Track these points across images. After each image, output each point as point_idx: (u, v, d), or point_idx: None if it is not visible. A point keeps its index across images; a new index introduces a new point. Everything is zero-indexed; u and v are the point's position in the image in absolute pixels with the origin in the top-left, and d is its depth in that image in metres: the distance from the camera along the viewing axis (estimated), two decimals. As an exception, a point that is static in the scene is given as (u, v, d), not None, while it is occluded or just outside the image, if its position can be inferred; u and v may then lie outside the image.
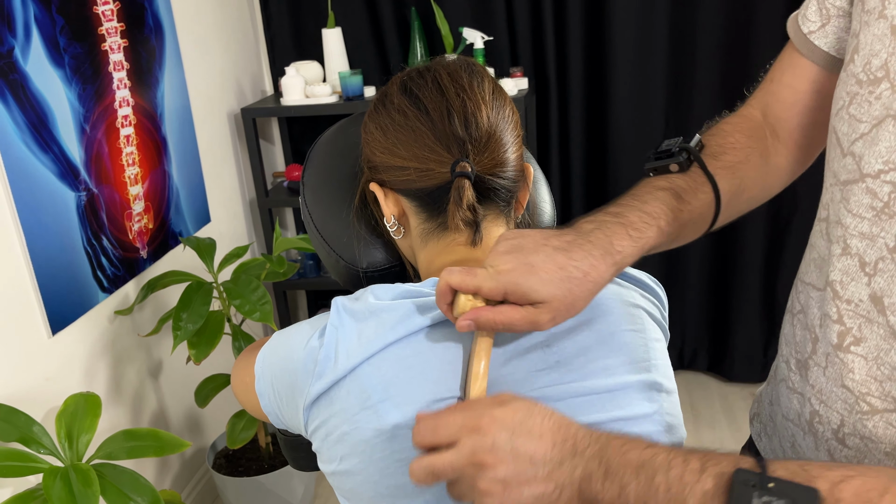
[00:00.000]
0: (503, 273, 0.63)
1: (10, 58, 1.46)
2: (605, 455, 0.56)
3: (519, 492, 0.56)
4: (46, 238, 1.56)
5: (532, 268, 0.63)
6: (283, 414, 0.78)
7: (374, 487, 0.68)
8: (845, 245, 0.67)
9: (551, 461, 0.57)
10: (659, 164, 0.76)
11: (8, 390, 1.47)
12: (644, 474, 0.54)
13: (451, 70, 0.81)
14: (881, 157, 0.64)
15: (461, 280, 0.65)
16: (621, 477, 0.55)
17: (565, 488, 0.56)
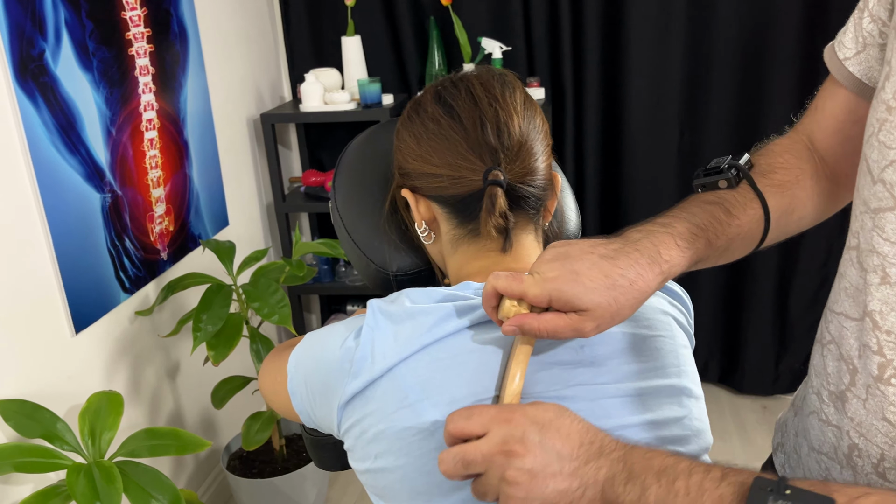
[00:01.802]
0: (549, 280, 0.64)
1: (41, 60, 1.49)
2: (629, 459, 0.58)
3: (544, 484, 0.58)
4: (72, 238, 1.59)
5: (577, 275, 0.64)
6: (316, 412, 0.80)
7: (411, 484, 0.69)
8: (884, 274, 0.66)
9: (577, 459, 0.58)
10: (707, 180, 0.77)
11: (32, 387, 1.49)
12: (665, 478, 0.56)
13: (484, 80, 0.83)
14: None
15: (507, 285, 0.66)
16: (643, 480, 0.56)
17: (589, 487, 0.58)
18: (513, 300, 0.66)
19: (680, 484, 0.55)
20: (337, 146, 2.68)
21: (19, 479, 1.47)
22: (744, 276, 2.48)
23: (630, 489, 0.57)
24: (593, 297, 0.63)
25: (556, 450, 0.59)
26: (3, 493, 1.44)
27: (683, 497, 0.55)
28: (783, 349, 2.56)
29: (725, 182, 0.76)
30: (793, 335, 2.52)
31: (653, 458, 0.58)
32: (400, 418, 0.70)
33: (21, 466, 1.31)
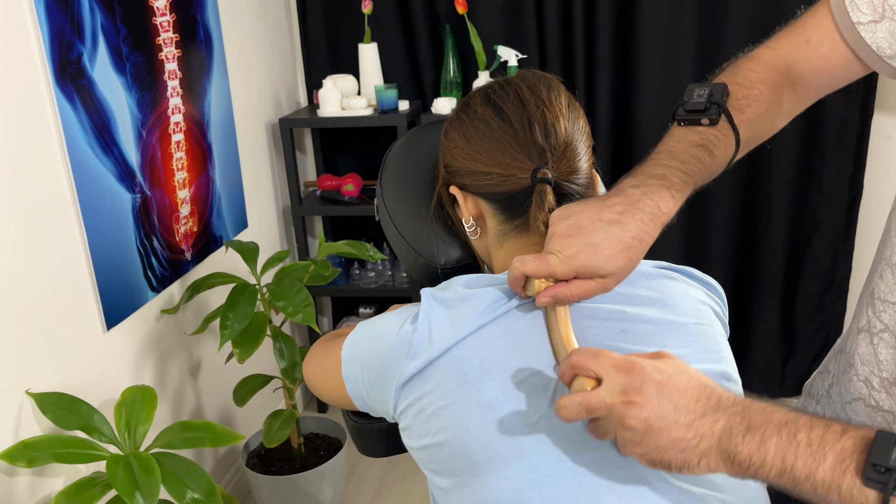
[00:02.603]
0: (572, 257, 0.72)
1: (79, 63, 1.54)
2: (748, 413, 0.61)
3: (659, 433, 0.61)
4: (105, 237, 1.63)
5: (595, 247, 0.72)
6: (371, 396, 0.85)
7: (472, 456, 0.74)
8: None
9: (694, 412, 0.61)
10: (691, 117, 0.82)
11: (67, 382, 1.53)
12: (787, 431, 0.59)
13: (531, 83, 0.88)
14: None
15: (536, 268, 0.73)
16: (763, 432, 0.59)
17: (704, 438, 0.61)
18: (538, 281, 0.74)
19: (802, 436, 0.58)
20: (351, 151, 2.73)
21: (52, 472, 1.51)
22: (750, 280, 2.53)
23: (749, 440, 0.59)
24: (614, 263, 0.72)
25: (673, 402, 0.62)
26: (35, 486, 1.47)
27: (805, 448, 0.58)
28: (789, 353, 2.61)
29: (708, 121, 0.81)
30: (799, 339, 2.57)
31: (773, 412, 0.61)
32: (460, 394, 0.74)
33: (60, 457, 1.35)
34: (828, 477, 0.57)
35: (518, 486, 0.71)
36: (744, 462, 0.60)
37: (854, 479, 0.56)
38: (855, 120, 2.31)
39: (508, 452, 0.72)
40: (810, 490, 0.58)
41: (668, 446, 0.61)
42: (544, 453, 0.71)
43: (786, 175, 2.39)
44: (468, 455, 0.74)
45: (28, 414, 1.43)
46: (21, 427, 1.42)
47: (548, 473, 0.71)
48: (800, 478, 0.58)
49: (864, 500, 0.56)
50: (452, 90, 2.48)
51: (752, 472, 0.60)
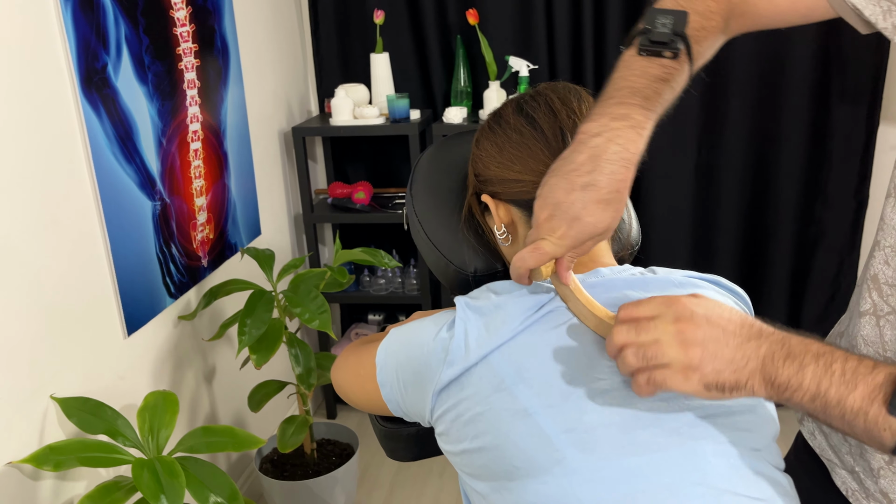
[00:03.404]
0: (562, 237, 0.75)
1: (104, 73, 1.56)
2: (787, 342, 0.66)
3: (715, 356, 0.65)
4: (127, 244, 1.65)
5: (579, 219, 0.74)
6: (406, 401, 0.87)
7: (510, 461, 0.76)
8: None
9: (740, 335, 0.66)
10: (654, 48, 0.81)
11: (89, 386, 1.55)
12: (823, 360, 0.64)
13: (561, 94, 0.91)
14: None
15: (537, 260, 0.76)
16: (802, 359, 0.64)
17: (750, 360, 0.65)
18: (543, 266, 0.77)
19: (837, 367, 0.63)
20: (362, 159, 2.75)
21: (74, 476, 1.53)
22: (756, 288, 2.56)
23: (788, 366, 0.64)
24: (601, 224, 0.74)
25: (721, 326, 0.66)
26: (59, 489, 1.49)
27: (839, 377, 0.63)
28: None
29: (671, 53, 0.80)
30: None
31: (810, 344, 0.65)
32: (497, 401, 0.77)
33: (86, 461, 1.37)
34: (857, 404, 0.62)
35: (556, 492, 0.73)
36: (782, 385, 0.64)
37: (881, 408, 0.61)
38: (861, 130, 2.34)
39: (546, 458, 0.74)
40: (839, 415, 0.63)
41: (723, 367, 0.65)
42: (583, 459, 0.73)
43: (792, 184, 2.42)
44: (506, 460, 0.76)
45: (52, 418, 1.45)
46: (46, 431, 1.43)
47: (587, 479, 0.73)
48: (831, 402, 0.63)
49: (888, 426, 0.61)
50: (463, 100, 2.51)
51: (788, 395, 0.65)
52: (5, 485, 1.34)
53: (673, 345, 0.66)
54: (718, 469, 0.74)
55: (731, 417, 0.77)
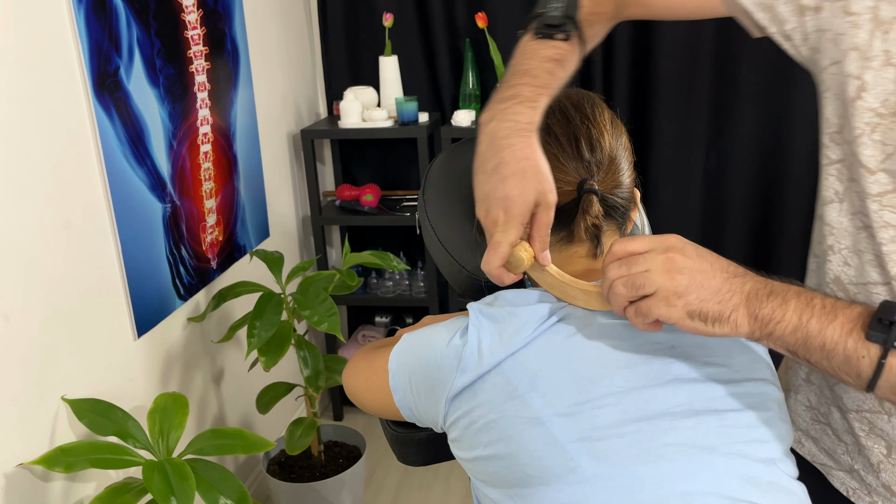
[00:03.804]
0: (506, 221, 0.77)
1: (115, 76, 1.57)
2: (770, 282, 0.70)
3: (701, 285, 0.69)
4: (138, 246, 1.66)
5: (507, 198, 0.77)
6: (419, 407, 0.87)
7: (523, 469, 0.76)
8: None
9: (727, 271, 0.70)
10: (547, 31, 0.85)
11: (99, 388, 1.55)
12: (804, 296, 0.68)
13: (575, 101, 0.91)
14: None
15: (498, 254, 0.78)
16: (784, 294, 0.68)
17: (735, 294, 0.69)
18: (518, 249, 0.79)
19: (817, 301, 0.67)
20: (369, 162, 2.76)
21: (84, 477, 1.53)
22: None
23: (772, 300, 0.68)
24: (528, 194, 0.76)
25: (710, 261, 0.70)
26: (68, 491, 1.49)
27: (820, 310, 0.67)
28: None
29: (563, 35, 0.85)
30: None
31: (791, 285, 0.69)
32: (510, 408, 0.77)
33: (97, 462, 1.37)
34: (836, 334, 0.66)
35: (570, 500, 0.73)
36: (766, 318, 0.68)
37: (859, 335, 0.65)
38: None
39: (560, 466, 0.74)
40: (819, 346, 0.67)
41: (709, 297, 0.68)
42: (596, 467, 0.73)
43: (801, 190, 2.41)
44: (520, 468, 0.76)
45: (63, 420, 1.46)
46: (56, 433, 1.44)
47: (601, 487, 0.73)
48: (812, 333, 0.67)
49: (867, 352, 0.65)
50: (471, 103, 2.51)
51: (770, 329, 0.68)
52: (16, 486, 1.35)
53: (661, 273, 0.69)
54: (732, 478, 0.74)
55: (748, 430, 0.77)
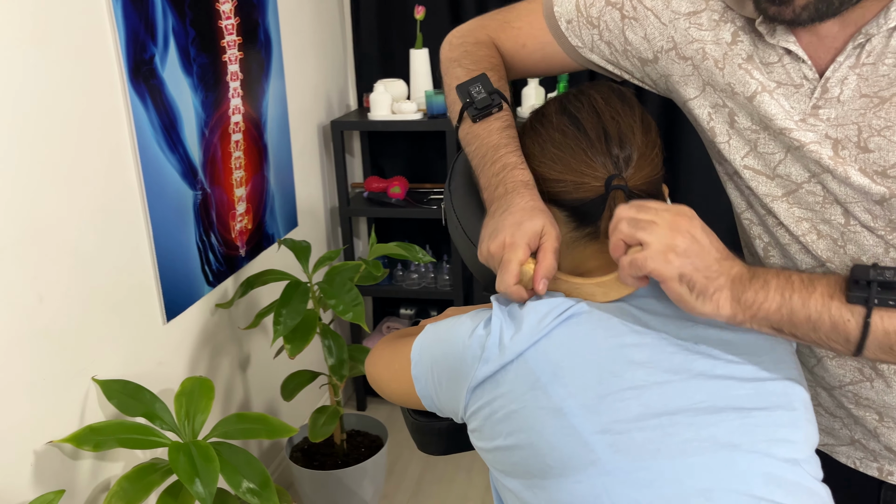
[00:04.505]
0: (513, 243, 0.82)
1: (151, 64, 1.60)
2: (753, 267, 0.74)
3: (699, 254, 0.72)
4: (169, 232, 1.69)
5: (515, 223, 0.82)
6: (440, 396, 0.87)
7: (543, 460, 0.76)
8: (818, 232, 0.87)
9: (721, 253, 0.74)
10: (485, 112, 0.95)
11: (129, 371, 1.58)
12: (783, 275, 0.72)
13: (605, 96, 0.91)
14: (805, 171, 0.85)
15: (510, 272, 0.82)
16: (764, 276, 0.72)
17: (723, 275, 0.72)
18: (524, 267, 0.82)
19: (795, 277, 0.72)
20: (398, 154, 2.77)
21: (112, 457, 1.57)
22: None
23: (754, 283, 0.72)
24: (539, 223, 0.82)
25: (710, 239, 0.74)
26: (96, 469, 1.53)
27: (799, 284, 0.71)
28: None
29: (497, 108, 0.95)
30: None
31: (771, 268, 0.74)
32: (531, 399, 0.77)
33: (124, 442, 1.40)
34: (819, 303, 0.70)
35: (590, 492, 0.73)
36: (749, 301, 0.72)
37: (841, 300, 0.69)
38: None
39: (580, 457, 0.74)
40: (804, 318, 0.70)
41: (701, 268, 0.72)
42: (617, 460, 0.73)
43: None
44: (540, 459, 0.76)
45: (93, 400, 1.49)
46: (86, 412, 1.47)
47: (621, 480, 0.73)
48: (796, 307, 0.70)
49: (850, 315, 0.68)
50: (501, 97, 2.50)
51: (754, 311, 0.72)
52: (47, 463, 1.38)
53: (665, 227, 0.73)
54: (755, 476, 0.73)
55: (772, 429, 0.76)
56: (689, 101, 0.95)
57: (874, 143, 0.78)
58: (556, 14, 1.01)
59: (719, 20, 0.89)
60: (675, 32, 0.92)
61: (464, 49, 1.04)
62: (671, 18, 0.92)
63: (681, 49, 0.92)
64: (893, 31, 0.76)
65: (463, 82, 0.97)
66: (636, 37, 0.96)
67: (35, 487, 1.36)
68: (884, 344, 0.68)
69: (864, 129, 0.79)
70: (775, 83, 0.85)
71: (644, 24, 0.95)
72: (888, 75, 0.77)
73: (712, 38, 0.89)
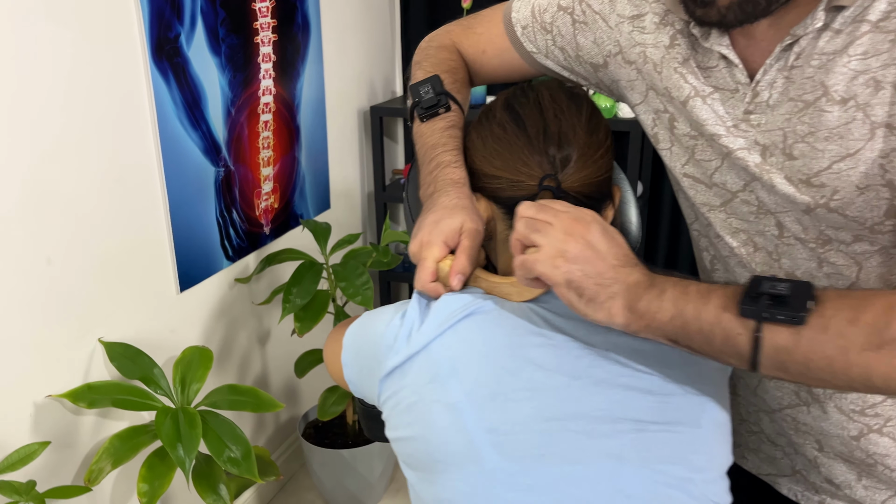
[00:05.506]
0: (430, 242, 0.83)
1: (175, 43, 1.66)
2: (654, 275, 0.71)
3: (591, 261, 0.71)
4: (186, 205, 1.75)
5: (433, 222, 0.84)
6: (363, 383, 0.88)
7: (432, 454, 0.76)
8: (754, 244, 0.85)
9: (619, 260, 0.71)
10: (431, 112, 0.96)
11: (139, 335, 1.66)
12: (681, 285, 0.69)
13: (553, 93, 0.88)
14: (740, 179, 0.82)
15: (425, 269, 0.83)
16: (662, 286, 0.69)
17: (618, 283, 0.70)
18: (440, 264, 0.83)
19: (692, 288, 0.68)
20: (441, 143, 2.77)
21: (117, 416, 1.65)
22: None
23: (650, 292, 0.69)
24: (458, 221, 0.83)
25: (608, 245, 0.72)
26: (100, 427, 1.61)
27: (695, 295, 0.68)
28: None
29: (443, 109, 0.96)
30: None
31: (671, 276, 0.71)
32: (429, 392, 0.77)
33: (118, 403, 1.47)
34: (712, 315, 0.66)
35: (469, 490, 0.73)
36: (642, 310, 0.69)
37: (734, 311, 0.65)
38: None
39: (464, 454, 0.73)
40: (697, 330, 0.67)
41: (592, 274, 0.70)
42: (498, 461, 0.72)
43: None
44: (429, 452, 0.76)
45: (99, 360, 1.57)
46: (91, 371, 1.56)
47: (500, 481, 0.72)
48: (689, 318, 0.67)
49: (742, 329, 0.65)
50: (543, 90, 2.47)
51: (647, 321, 0.69)
52: (46, 416, 1.47)
53: (559, 231, 0.72)
54: (639, 492, 0.70)
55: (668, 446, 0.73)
56: (635, 106, 0.93)
57: (798, 149, 0.74)
58: (514, 20, 1.00)
59: (660, 23, 0.86)
60: (620, 36, 0.90)
61: (426, 53, 1.06)
62: (617, 22, 0.90)
63: (626, 53, 0.90)
64: (821, 32, 0.71)
65: (415, 83, 1.00)
66: (587, 42, 0.94)
67: (33, 438, 1.45)
68: (775, 360, 0.64)
69: (789, 135, 0.75)
70: (712, 88, 0.81)
71: (593, 28, 0.93)
72: (813, 78, 0.72)
73: (652, 41, 0.86)
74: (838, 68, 0.71)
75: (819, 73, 0.72)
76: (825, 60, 0.71)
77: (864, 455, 0.85)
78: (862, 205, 0.72)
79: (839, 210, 0.74)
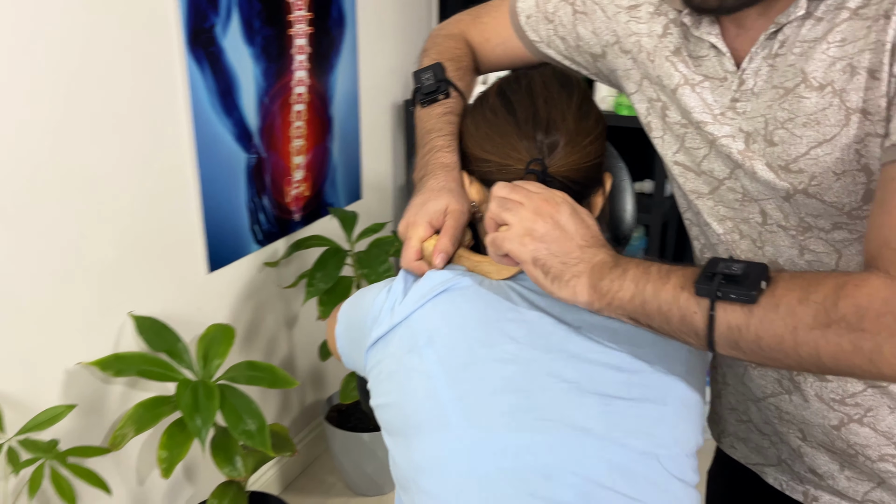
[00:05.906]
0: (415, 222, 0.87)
1: (210, 32, 1.73)
2: (619, 256, 0.74)
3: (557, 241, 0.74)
4: (218, 189, 1.82)
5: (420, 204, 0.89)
6: (353, 355, 0.93)
7: (408, 419, 0.80)
8: (739, 231, 0.86)
9: (585, 240, 0.74)
10: (430, 98, 0.99)
11: (167, 312, 1.74)
12: (643, 265, 0.72)
13: (546, 79, 0.91)
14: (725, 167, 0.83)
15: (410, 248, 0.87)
16: (625, 266, 0.72)
17: (583, 263, 0.73)
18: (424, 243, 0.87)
19: (653, 268, 0.71)
20: (474, 138, 2.80)
21: (144, 386, 1.73)
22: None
23: (613, 271, 0.72)
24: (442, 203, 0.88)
25: (576, 226, 0.75)
26: (128, 395, 1.69)
27: (655, 275, 0.70)
28: None
29: (443, 95, 0.99)
30: None
31: (635, 257, 0.74)
32: (407, 361, 0.80)
33: (143, 373, 1.55)
34: (670, 294, 0.68)
35: (437, 454, 0.76)
36: (604, 289, 0.71)
37: (690, 292, 0.67)
38: None
39: (435, 420, 0.77)
40: (656, 309, 0.69)
41: (558, 253, 0.73)
42: (465, 427, 0.75)
43: None
44: (405, 417, 0.80)
45: (128, 332, 1.65)
46: (120, 342, 1.64)
47: (466, 447, 0.75)
48: (648, 297, 0.69)
49: (697, 308, 0.66)
50: (575, 87, 2.48)
51: (609, 299, 0.71)
52: (78, 382, 1.56)
53: (529, 211, 0.74)
54: (600, 462, 0.73)
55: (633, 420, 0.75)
56: (631, 95, 0.95)
57: (778, 136, 0.75)
58: (518, 10, 1.03)
59: (654, 13, 0.88)
60: (617, 26, 0.92)
61: (435, 41, 1.10)
62: (615, 12, 0.93)
63: (622, 43, 0.92)
64: (804, 19, 0.72)
65: (418, 69, 1.03)
66: (586, 31, 0.97)
67: (62, 402, 1.53)
68: (729, 339, 0.66)
69: (770, 122, 0.76)
70: (702, 76, 0.83)
71: (592, 18, 0.95)
72: (794, 65, 0.73)
73: (647, 30, 0.89)
74: (817, 55, 0.72)
75: (800, 61, 0.73)
76: (806, 48, 0.73)
77: (845, 445, 0.85)
78: (839, 190, 0.73)
79: (817, 196, 0.75)
